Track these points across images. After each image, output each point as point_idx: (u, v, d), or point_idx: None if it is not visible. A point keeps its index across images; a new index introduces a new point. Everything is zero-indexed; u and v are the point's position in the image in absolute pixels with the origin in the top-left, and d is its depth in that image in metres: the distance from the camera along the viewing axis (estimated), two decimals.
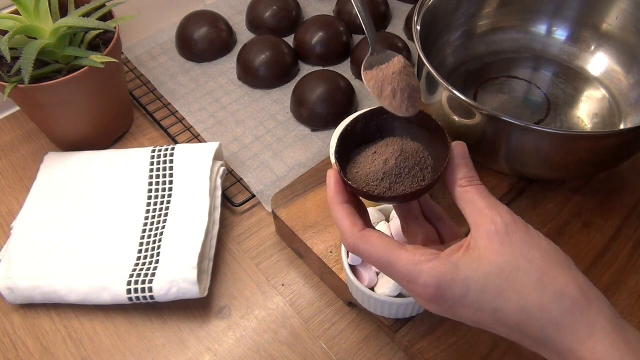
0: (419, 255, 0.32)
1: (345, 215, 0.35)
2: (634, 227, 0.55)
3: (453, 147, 0.35)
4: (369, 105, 0.69)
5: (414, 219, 0.39)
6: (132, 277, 0.50)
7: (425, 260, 0.32)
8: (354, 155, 0.39)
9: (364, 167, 0.37)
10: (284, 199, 0.55)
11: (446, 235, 0.39)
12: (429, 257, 0.32)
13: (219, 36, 0.74)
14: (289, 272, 0.55)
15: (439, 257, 0.32)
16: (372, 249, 0.33)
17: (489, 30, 0.68)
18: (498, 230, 0.31)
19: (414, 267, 0.32)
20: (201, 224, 0.53)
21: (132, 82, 0.72)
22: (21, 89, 0.53)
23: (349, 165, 0.38)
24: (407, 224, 0.39)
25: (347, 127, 0.38)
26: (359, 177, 0.37)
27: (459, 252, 0.32)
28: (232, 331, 0.51)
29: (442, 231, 0.39)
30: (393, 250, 0.33)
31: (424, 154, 0.37)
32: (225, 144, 0.65)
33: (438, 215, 0.39)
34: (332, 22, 0.74)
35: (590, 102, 0.63)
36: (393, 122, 0.39)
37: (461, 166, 0.35)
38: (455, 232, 0.39)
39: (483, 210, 0.32)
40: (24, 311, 0.53)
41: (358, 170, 0.37)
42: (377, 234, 0.34)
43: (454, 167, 0.35)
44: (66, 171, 0.59)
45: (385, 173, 0.36)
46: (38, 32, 0.54)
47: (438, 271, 0.31)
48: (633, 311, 0.50)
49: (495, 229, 0.31)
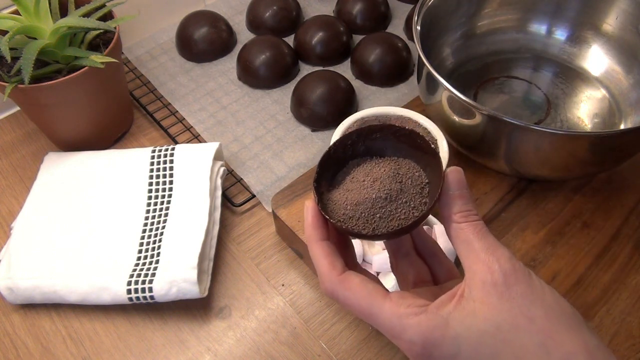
0: (404, 307, 0.29)
1: (322, 255, 0.31)
2: (634, 227, 0.55)
3: (447, 174, 0.30)
4: (368, 105, 0.69)
5: (404, 255, 0.34)
6: (132, 277, 0.50)
7: (411, 313, 0.28)
8: (339, 177, 0.34)
9: (350, 194, 0.32)
10: (284, 199, 0.55)
11: (440, 275, 0.35)
12: (415, 309, 0.28)
13: (219, 36, 0.74)
14: (289, 272, 0.55)
15: (427, 310, 0.28)
16: (351, 296, 0.30)
17: (489, 30, 0.68)
18: (495, 281, 0.27)
19: (399, 320, 0.28)
20: (201, 224, 0.53)
21: (132, 82, 0.72)
22: (21, 89, 0.53)
23: (333, 190, 0.33)
24: (397, 260, 0.35)
25: (330, 150, 0.33)
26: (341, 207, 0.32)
27: (450, 303, 0.28)
28: (232, 331, 0.51)
29: (436, 269, 0.35)
30: (375, 299, 0.29)
31: (421, 177, 0.33)
32: (225, 144, 0.65)
33: (431, 250, 0.35)
34: (332, 22, 0.74)
35: (590, 102, 0.63)
36: (383, 141, 0.34)
37: (456, 198, 0.30)
38: (450, 272, 0.35)
39: (479, 254, 0.28)
40: (24, 311, 0.53)
41: (341, 197, 0.33)
42: (358, 278, 0.30)
43: (448, 199, 0.30)
44: (66, 171, 0.59)
45: (374, 200, 0.31)
46: (38, 32, 0.54)
47: (425, 327, 0.28)
48: (633, 311, 0.50)
49: (492, 279, 0.27)
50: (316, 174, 0.33)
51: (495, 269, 0.27)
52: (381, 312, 0.29)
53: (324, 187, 0.33)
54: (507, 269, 0.27)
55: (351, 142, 0.34)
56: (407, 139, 0.33)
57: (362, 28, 0.77)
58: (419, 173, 0.33)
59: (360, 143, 0.34)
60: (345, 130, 0.54)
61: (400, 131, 0.33)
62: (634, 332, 0.48)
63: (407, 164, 0.33)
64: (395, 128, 0.33)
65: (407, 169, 0.33)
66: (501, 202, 0.57)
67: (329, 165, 0.34)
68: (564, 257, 0.53)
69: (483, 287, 0.27)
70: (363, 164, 0.34)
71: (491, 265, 0.27)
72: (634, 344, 0.48)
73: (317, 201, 0.32)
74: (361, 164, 0.34)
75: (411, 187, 0.32)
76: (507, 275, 0.27)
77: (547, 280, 0.51)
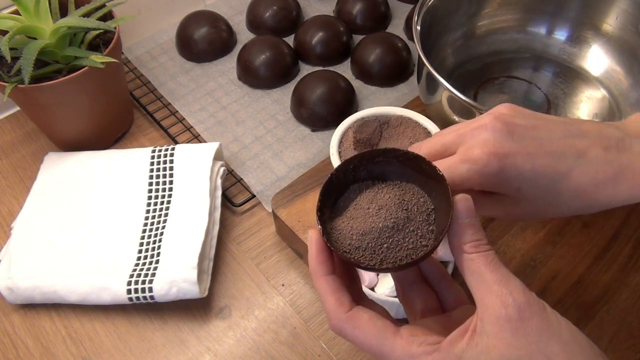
0: (416, 345, 0.28)
1: (329, 291, 0.30)
2: (633, 227, 0.55)
3: (456, 202, 0.29)
4: (368, 105, 0.69)
5: (411, 284, 0.34)
6: (132, 277, 0.50)
7: (422, 353, 0.27)
8: (341, 203, 0.33)
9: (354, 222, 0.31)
10: (284, 199, 0.55)
11: (448, 301, 0.33)
12: (428, 348, 0.28)
13: (219, 36, 0.74)
14: (289, 272, 0.55)
15: (440, 348, 0.27)
16: (360, 334, 0.29)
17: (489, 30, 0.68)
18: (509, 316, 0.26)
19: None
20: (201, 224, 0.53)
21: (132, 82, 0.72)
22: (21, 89, 0.53)
23: (335, 218, 0.32)
24: (403, 289, 0.34)
25: (332, 176, 0.32)
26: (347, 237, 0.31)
27: (463, 340, 0.27)
28: (232, 331, 0.51)
29: (444, 295, 0.34)
30: (386, 337, 0.28)
31: (426, 204, 0.31)
32: (225, 144, 0.65)
33: (438, 274, 0.34)
34: (332, 22, 0.74)
35: (590, 102, 0.63)
36: (386, 166, 0.33)
37: (466, 227, 0.29)
38: (458, 297, 0.33)
39: (492, 286, 0.27)
40: (24, 311, 0.53)
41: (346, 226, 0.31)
42: (367, 315, 0.29)
43: (458, 228, 0.29)
44: (66, 171, 0.59)
45: (380, 230, 0.30)
46: (38, 32, 0.54)
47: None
48: (633, 311, 0.50)
49: (506, 313, 0.26)
50: (319, 202, 0.31)
51: (509, 303, 0.26)
52: (393, 352, 0.28)
53: (326, 214, 0.32)
54: (521, 302, 0.26)
55: (353, 166, 0.33)
56: (412, 163, 0.32)
57: (362, 28, 0.77)
58: (424, 199, 0.32)
59: (362, 167, 0.33)
60: (345, 130, 0.54)
61: (405, 155, 0.32)
62: (634, 332, 0.48)
63: (411, 189, 0.32)
64: (399, 152, 0.32)
65: (412, 194, 0.32)
66: None
67: (330, 192, 0.32)
68: (564, 257, 0.53)
69: (497, 322, 0.26)
70: (366, 190, 0.33)
71: (505, 298, 0.26)
72: (634, 344, 0.48)
73: (322, 232, 0.30)
74: (364, 190, 0.33)
75: (418, 214, 0.31)
76: (522, 309, 0.26)
77: (547, 280, 0.51)
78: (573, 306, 0.50)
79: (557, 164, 0.33)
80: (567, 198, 0.34)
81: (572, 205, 0.34)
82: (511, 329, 0.26)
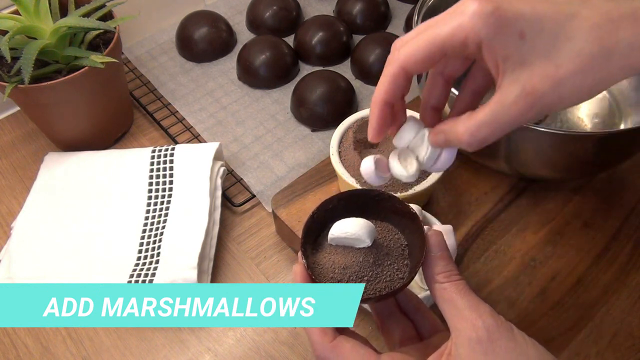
0: None
1: None
2: (634, 227, 0.55)
3: (429, 237, 0.32)
4: (368, 105, 0.68)
5: (389, 315, 0.36)
6: (131, 277, 0.50)
7: None
8: (322, 240, 0.35)
9: (336, 257, 0.34)
10: (284, 199, 0.55)
11: (424, 329, 0.36)
12: None
13: (219, 36, 0.74)
14: (289, 272, 0.55)
15: None
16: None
17: None
18: (480, 338, 0.28)
19: None
20: (201, 224, 0.53)
21: (132, 82, 0.72)
22: (21, 89, 0.53)
23: (317, 253, 0.34)
24: (382, 320, 0.36)
25: (313, 215, 0.35)
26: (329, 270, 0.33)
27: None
28: (232, 331, 0.51)
29: (420, 324, 0.36)
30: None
31: (400, 240, 0.35)
32: (225, 144, 0.65)
33: (414, 305, 0.36)
34: (332, 22, 0.74)
35: (590, 102, 0.63)
36: (364, 205, 0.36)
37: (438, 259, 0.32)
38: (434, 325, 0.36)
39: (463, 311, 0.29)
40: None
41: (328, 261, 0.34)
42: (349, 344, 0.31)
43: (430, 261, 0.32)
44: (66, 171, 0.59)
45: (361, 264, 0.33)
46: (38, 32, 0.54)
47: None
48: (633, 311, 0.50)
49: (477, 335, 0.28)
50: (302, 239, 0.34)
51: (480, 325, 0.28)
52: None
53: (309, 250, 0.34)
54: (490, 324, 0.28)
55: (332, 206, 0.35)
56: (386, 202, 0.35)
57: (362, 28, 0.77)
58: (398, 235, 0.35)
59: (341, 207, 0.35)
60: (345, 130, 0.54)
61: (380, 196, 0.35)
62: (634, 332, 0.48)
63: (386, 227, 0.35)
64: (374, 193, 0.35)
65: (387, 231, 0.35)
66: (501, 202, 0.57)
67: (312, 229, 0.35)
68: (564, 257, 0.53)
69: (469, 344, 0.28)
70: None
71: (475, 322, 0.29)
72: (634, 344, 0.48)
73: (306, 266, 0.32)
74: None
75: (394, 249, 0.34)
76: (491, 331, 0.28)
77: (547, 280, 0.51)
78: (573, 306, 0.50)
79: (561, 7, 0.28)
80: (584, 42, 0.28)
81: (590, 50, 0.28)
82: (482, 350, 0.28)
